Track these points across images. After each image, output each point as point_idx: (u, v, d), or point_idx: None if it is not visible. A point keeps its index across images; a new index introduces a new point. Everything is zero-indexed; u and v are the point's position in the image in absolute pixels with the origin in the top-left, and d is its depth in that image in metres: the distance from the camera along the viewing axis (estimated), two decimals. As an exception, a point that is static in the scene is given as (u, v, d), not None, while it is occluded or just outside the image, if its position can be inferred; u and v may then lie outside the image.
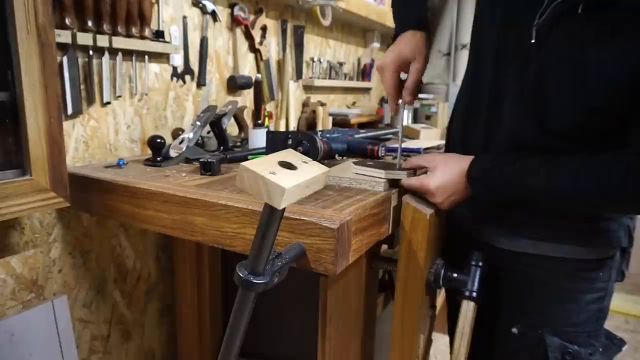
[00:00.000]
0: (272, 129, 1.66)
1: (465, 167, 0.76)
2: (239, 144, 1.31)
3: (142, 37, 1.15)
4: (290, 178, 0.47)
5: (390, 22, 2.37)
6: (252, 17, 1.56)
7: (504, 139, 0.77)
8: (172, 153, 1.06)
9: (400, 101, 0.89)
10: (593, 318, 0.81)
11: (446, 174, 0.79)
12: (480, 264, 0.82)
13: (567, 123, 0.69)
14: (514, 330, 0.83)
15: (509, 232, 0.82)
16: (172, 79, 1.29)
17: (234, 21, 1.49)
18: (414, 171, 0.89)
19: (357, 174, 0.88)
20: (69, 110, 1.02)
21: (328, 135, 1.27)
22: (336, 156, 1.16)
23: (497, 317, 0.85)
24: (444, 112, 2.24)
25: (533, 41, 0.69)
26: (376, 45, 2.49)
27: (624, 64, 0.61)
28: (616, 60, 0.61)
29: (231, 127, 1.43)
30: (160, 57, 1.25)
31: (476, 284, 0.81)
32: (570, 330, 0.80)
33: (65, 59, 0.99)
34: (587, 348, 0.79)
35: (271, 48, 1.70)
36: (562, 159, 0.69)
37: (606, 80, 0.63)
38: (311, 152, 0.99)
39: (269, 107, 1.73)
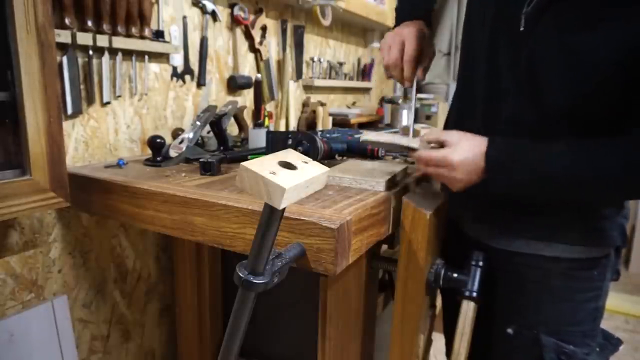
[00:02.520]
0: (272, 129, 1.66)
1: (485, 147, 0.72)
2: (239, 144, 1.31)
3: (142, 37, 1.15)
4: (290, 178, 0.47)
5: (390, 22, 2.37)
6: (252, 17, 1.56)
7: (503, 128, 0.77)
8: (172, 153, 1.06)
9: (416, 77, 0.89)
10: (589, 317, 0.81)
11: (469, 149, 0.73)
12: (481, 263, 0.82)
13: (562, 108, 0.69)
14: (509, 330, 0.83)
15: (504, 231, 0.82)
16: (172, 79, 1.29)
17: (234, 21, 1.49)
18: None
19: (364, 140, 0.85)
20: (69, 110, 1.02)
21: (328, 135, 1.27)
22: (336, 156, 1.16)
23: (492, 317, 0.85)
24: (444, 112, 2.24)
25: (522, 29, 0.70)
26: (376, 45, 2.49)
27: (613, 48, 0.61)
28: (605, 44, 0.62)
29: (231, 127, 1.43)
30: (160, 57, 1.25)
31: (476, 284, 0.81)
32: (566, 330, 0.80)
33: (65, 59, 0.99)
34: (583, 348, 0.79)
35: (271, 48, 1.70)
36: (584, 142, 0.66)
37: (596, 65, 0.63)
38: (311, 152, 0.99)
39: (269, 107, 1.73)
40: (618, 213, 0.78)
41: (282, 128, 1.78)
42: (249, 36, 1.56)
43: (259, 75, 1.43)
